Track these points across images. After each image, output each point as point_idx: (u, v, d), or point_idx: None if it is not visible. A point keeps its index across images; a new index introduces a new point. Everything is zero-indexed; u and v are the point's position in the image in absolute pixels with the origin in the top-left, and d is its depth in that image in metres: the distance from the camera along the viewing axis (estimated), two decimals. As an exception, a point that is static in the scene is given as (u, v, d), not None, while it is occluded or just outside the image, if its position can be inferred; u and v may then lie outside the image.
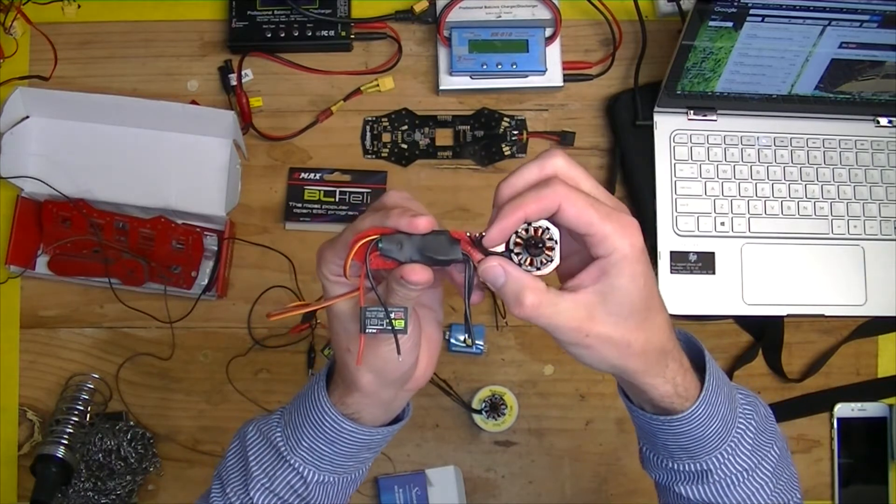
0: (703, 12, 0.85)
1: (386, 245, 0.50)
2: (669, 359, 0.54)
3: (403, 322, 0.51)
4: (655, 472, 0.63)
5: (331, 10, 0.98)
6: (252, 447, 0.61)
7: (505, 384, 0.95)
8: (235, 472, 0.62)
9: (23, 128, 0.94)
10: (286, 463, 0.59)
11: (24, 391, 0.95)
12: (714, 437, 0.56)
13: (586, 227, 0.48)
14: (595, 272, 0.49)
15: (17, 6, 0.97)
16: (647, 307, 0.51)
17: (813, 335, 0.99)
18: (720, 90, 0.94)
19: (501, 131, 0.99)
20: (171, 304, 0.94)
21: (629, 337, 0.50)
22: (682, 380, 0.55)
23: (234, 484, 0.61)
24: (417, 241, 0.50)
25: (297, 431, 0.59)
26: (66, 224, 0.93)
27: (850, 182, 0.97)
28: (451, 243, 0.50)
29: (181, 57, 1.00)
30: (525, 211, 0.48)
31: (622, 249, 0.48)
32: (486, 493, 0.96)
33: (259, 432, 0.62)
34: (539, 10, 0.97)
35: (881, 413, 0.97)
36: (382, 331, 0.51)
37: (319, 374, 0.60)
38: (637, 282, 0.49)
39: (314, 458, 0.59)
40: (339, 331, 0.55)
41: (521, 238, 0.50)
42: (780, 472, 0.59)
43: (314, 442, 0.58)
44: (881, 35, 0.87)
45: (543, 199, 0.48)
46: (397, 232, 0.50)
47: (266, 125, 0.98)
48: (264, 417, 0.63)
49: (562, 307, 0.49)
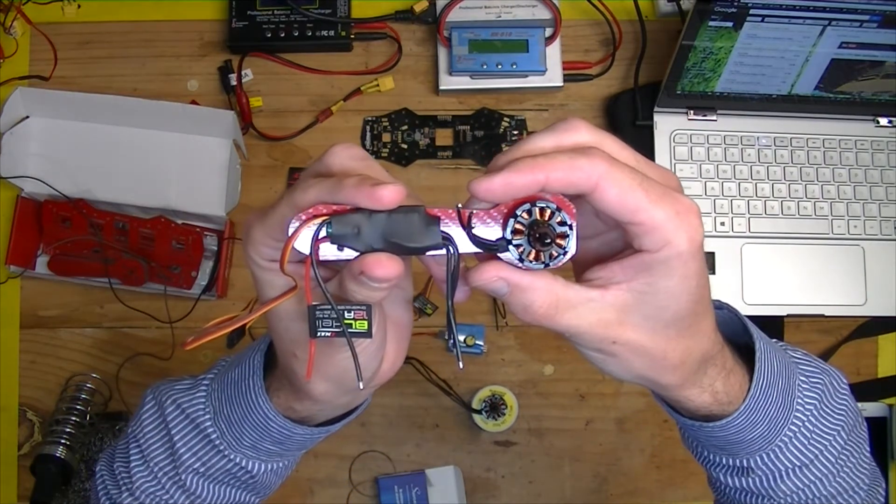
0: (703, 12, 0.85)
1: (338, 229, 0.37)
2: (710, 364, 0.45)
3: (367, 323, 0.39)
4: (693, 453, 0.54)
5: (331, 10, 0.98)
6: (176, 427, 0.52)
7: (505, 384, 0.95)
8: (158, 446, 0.53)
9: (23, 128, 0.94)
10: (224, 456, 0.52)
11: (24, 391, 0.95)
12: (759, 440, 0.48)
13: (631, 214, 0.37)
14: (634, 267, 0.38)
15: (17, 6, 0.97)
16: (694, 312, 0.41)
17: (813, 335, 0.99)
18: (720, 90, 0.94)
19: (501, 131, 0.99)
20: (171, 304, 0.94)
21: (666, 347, 0.41)
22: (723, 385, 0.46)
23: (159, 460, 0.53)
24: (382, 221, 0.37)
25: (234, 429, 0.51)
26: (66, 224, 0.93)
27: (850, 182, 0.97)
28: (427, 224, 0.38)
29: (181, 57, 1.00)
30: (547, 173, 0.36)
31: (678, 244, 0.37)
32: (486, 493, 0.96)
33: (181, 410, 0.53)
34: (539, 10, 0.97)
35: (881, 413, 0.97)
36: (339, 335, 0.39)
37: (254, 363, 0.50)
38: (688, 283, 0.39)
39: (261, 455, 0.52)
40: (280, 332, 0.45)
41: (523, 223, 0.37)
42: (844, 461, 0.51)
43: (259, 442, 0.51)
44: (881, 35, 0.87)
45: (576, 169, 0.36)
46: (353, 210, 0.37)
47: (266, 125, 0.98)
48: (182, 390, 0.53)
49: (583, 310, 0.39)
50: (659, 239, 0.37)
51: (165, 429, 0.53)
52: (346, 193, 0.37)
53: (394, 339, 0.46)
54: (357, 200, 0.37)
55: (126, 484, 0.54)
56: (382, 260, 0.37)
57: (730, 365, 0.46)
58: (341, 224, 0.37)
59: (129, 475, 0.54)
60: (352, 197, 0.37)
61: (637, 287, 0.39)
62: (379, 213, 0.37)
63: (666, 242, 0.37)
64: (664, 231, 0.37)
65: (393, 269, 0.37)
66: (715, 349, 0.44)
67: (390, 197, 0.36)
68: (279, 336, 0.45)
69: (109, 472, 0.56)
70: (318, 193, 0.38)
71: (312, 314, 0.39)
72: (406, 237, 0.38)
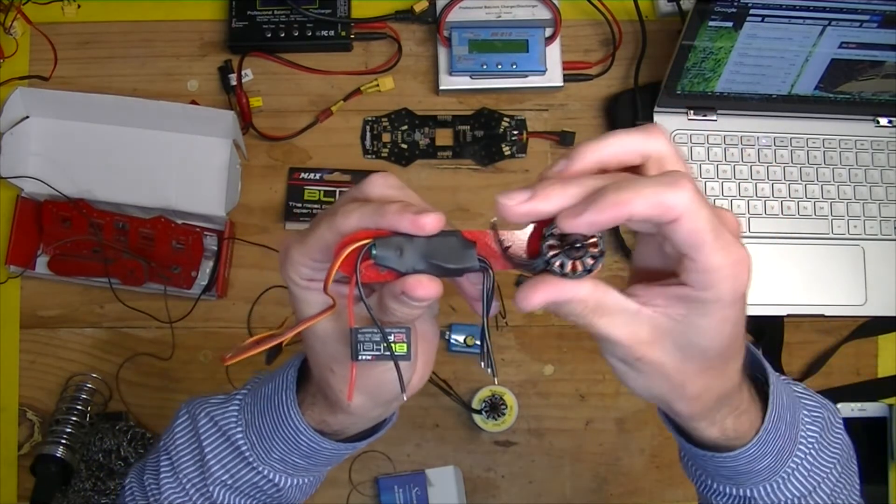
0: (703, 12, 0.85)
1: (382, 252, 0.39)
2: (726, 403, 0.45)
3: (406, 346, 0.41)
4: (692, 479, 0.55)
5: (331, 10, 0.98)
6: (207, 438, 0.54)
7: (505, 384, 0.95)
8: (188, 458, 0.55)
9: (23, 128, 0.94)
10: (253, 469, 0.53)
11: (24, 391, 0.95)
12: (764, 471, 0.49)
13: (694, 250, 0.36)
14: (675, 296, 0.39)
15: (17, 6, 0.97)
16: (722, 355, 0.41)
17: (813, 335, 0.99)
18: (720, 90, 0.94)
19: (501, 131, 0.99)
20: (171, 304, 0.94)
21: (687, 379, 0.41)
22: (733, 423, 0.46)
23: (188, 472, 0.54)
24: (422, 245, 0.40)
25: (265, 442, 0.52)
26: (66, 224, 0.93)
27: (850, 182, 0.97)
28: (465, 247, 0.40)
29: (181, 57, 1.00)
30: (631, 210, 0.35)
31: (722, 292, 0.37)
32: (486, 493, 0.96)
33: (213, 422, 0.54)
34: (539, 10, 0.97)
35: (881, 413, 0.97)
36: (380, 357, 0.41)
37: (287, 378, 0.51)
38: (723, 328, 0.39)
39: (288, 469, 0.53)
40: (318, 349, 0.47)
41: (555, 237, 0.38)
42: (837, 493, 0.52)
43: (287, 455, 0.52)
44: (881, 35, 0.87)
45: (664, 207, 0.35)
46: (395, 234, 0.40)
47: (266, 125, 0.98)
48: (216, 403, 0.55)
49: (618, 319, 0.39)
50: (707, 281, 0.37)
51: (197, 440, 0.54)
52: (390, 219, 0.39)
53: (423, 353, 0.48)
54: (400, 226, 0.39)
55: (154, 494, 0.55)
56: (423, 281, 0.39)
57: (744, 406, 0.47)
58: (384, 247, 0.39)
59: (157, 486, 0.55)
60: (395, 223, 0.39)
61: (673, 315, 0.39)
62: (419, 237, 0.39)
63: (712, 286, 0.37)
64: (715, 276, 0.37)
65: (433, 289, 0.40)
66: (734, 390, 0.45)
67: (433, 224, 0.39)
68: (315, 353, 0.47)
69: (139, 483, 0.57)
70: (361, 219, 0.40)
71: (355, 337, 0.41)
72: (445, 259, 0.40)
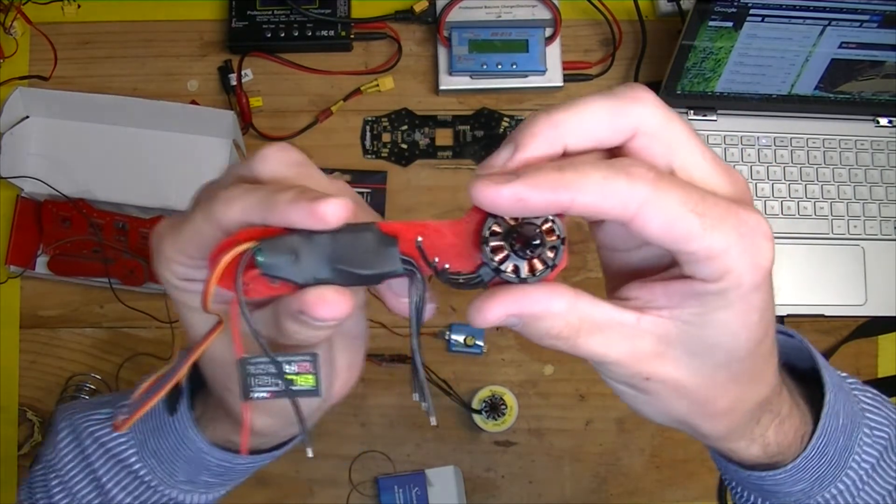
0: (703, 12, 0.85)
1: (270, 258, 0.29)
2: (765, 412, 0.36)
3: (314, 377, 0.32)
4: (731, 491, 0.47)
5: (331, 10, 0.98)
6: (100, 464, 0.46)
7: (505, 384, 0.95)
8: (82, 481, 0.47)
9: (23, 128, 0.94)
10: (158, 492, 0.46)
11: (24, 391, 0.95)
12: (798, 493, 0.41)
13: (681, 244, 0.29)
14: (681, 292, 0.30)
15: (17, 6, 0.97)
16: (753, 355, 0.32)
17: (813, 335, 0.98)
18: (720, 90, 0.94)
19: (501, 131, 0.99)
20: (171, 304, 0.94)
21: (712, 392, 0.33)
22: (775, 434, 0.38)
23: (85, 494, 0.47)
24: (325, 245, 0.30)
25: (166, 465, 0.44)
26: (66, 224, 0.93)
27: (850, 182, 0.97)
28: (383, 245, 0.30)
29: (181, 57, 1.00)
30: (573, 196, 0.27)
31: (739, 274, 0.29)
32: (486, 493, 0.96)
33: (101, 446, 0.46)
34: (539, 10, 0.97)
35: (881, 413, 0.97)
36: (279, 395, 0.32)
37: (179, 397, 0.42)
38: (749, 319, 0.31)
39: (199, 488, 0.46)
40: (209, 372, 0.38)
41: (499, 237, 0.29)
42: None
43: (195, 476, 0.45)
44: (881, 35, 0.87)
45: (610, 197, 0.28)
46: (288, 232, 0.30)
47: (266, 125, 0.98)
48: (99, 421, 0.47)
49: (613, 335, 0.30)
50: (717, 268, 0.29)
51: (88, 466, 0.47)
52: (280, 212, 0.29)
53: (345, 353, 0.38)
54: (294, 220, 0.29)
55: None
56: (326, 295, 0.29)
57: (786, 410, 0.38)
58: (273, 251, 0.29)
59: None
60: (287, 216, 0.29)
61: (683, 316, 0.30)
62: (321, 233, 0.29)
63: (725, 272, 0.29)
64: (723, 259, 0.29)
65: (340, 306, 0.30)
66: (773, 394, 0.36)
67: (335, 213, 0.28)
68: (210, 372, 0.38)
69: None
70: (244, 211, 0.30)
71: (244, 370, 0.31)
72: (356, 263, 0.30)
